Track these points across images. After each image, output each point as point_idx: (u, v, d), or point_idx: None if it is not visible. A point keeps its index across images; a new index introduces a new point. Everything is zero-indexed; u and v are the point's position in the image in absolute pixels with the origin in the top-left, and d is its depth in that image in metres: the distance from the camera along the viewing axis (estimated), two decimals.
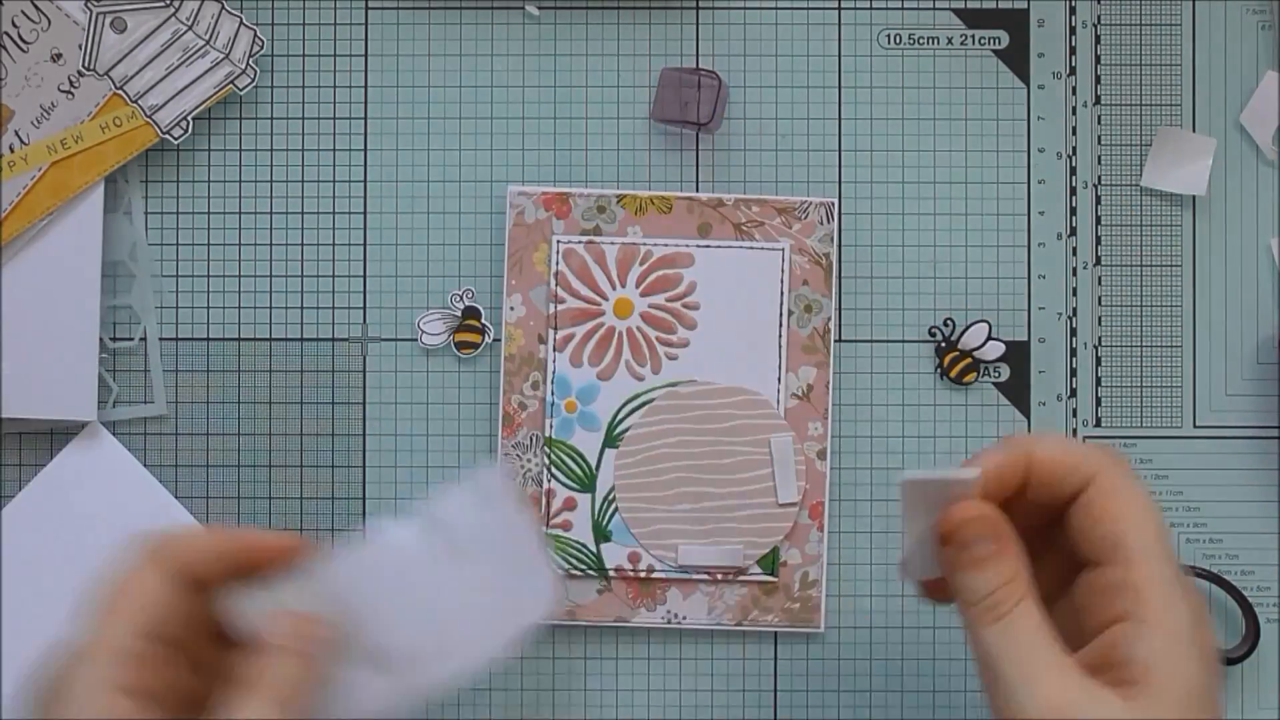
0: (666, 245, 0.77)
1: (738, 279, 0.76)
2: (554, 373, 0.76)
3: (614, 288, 0.76)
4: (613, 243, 0.77)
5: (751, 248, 0.77)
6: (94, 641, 0.58)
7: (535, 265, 0.77)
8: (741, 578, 0.76)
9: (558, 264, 0.77)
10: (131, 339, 0.78)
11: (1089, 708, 0.54)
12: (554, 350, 0.77)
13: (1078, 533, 0.58)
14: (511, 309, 0.77)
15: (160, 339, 0.78)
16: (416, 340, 0.78)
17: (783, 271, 0.76)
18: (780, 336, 0.76)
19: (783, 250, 0.76)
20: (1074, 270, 0.78)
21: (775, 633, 0.78)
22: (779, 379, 0.76)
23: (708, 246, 0.77)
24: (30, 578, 0.76)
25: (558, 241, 0.77)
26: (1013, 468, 0.58)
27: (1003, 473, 0.58)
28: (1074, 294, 0.78)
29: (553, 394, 0.76)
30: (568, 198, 0.77)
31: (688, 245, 0.77)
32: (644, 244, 0.77)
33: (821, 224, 0.77)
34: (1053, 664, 0.55)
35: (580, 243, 0.77)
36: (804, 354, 0.77)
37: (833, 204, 0.77)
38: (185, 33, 0.76)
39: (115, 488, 0.77)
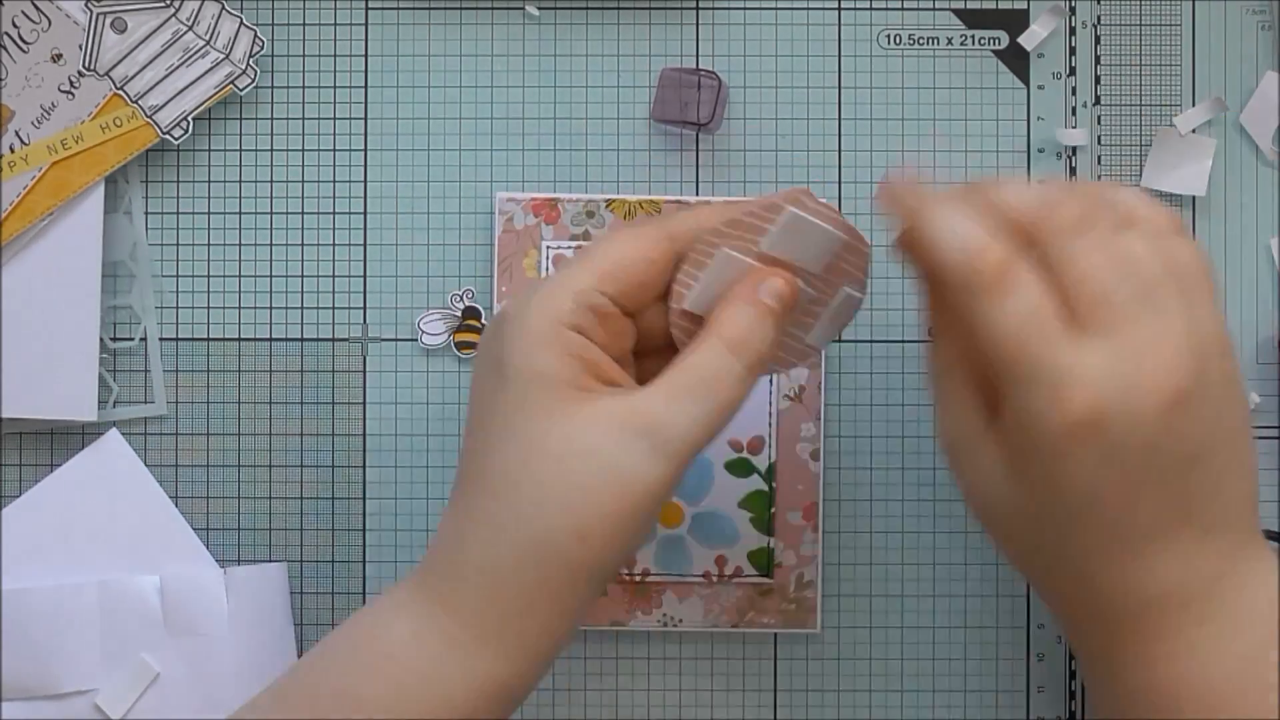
0: None
1: None
2: None
3: None
4: None
5: None
6: (560, 279, 0.60)
7: (525, 271, 0.76)
8: (737, 579, 0.76)
9: (548, 270, 0.76)
10: (131, 339, 0.78)
11: None
12: None
13: None
14: None
15: (160, 339, 0.78)
16: (416, 340, 0.78)
17: None
18: None
19: None
20: None
21: (774, 634, 0.77)
22: (770, 381, 0.76)
23: None
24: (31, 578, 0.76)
25: (547, 247, 0.76)
26: None
27: None
28: None
29: None
30: (556, 203, 0.77)
31: None
32: None
33: None
34: None
35: (570, 248, 0.76)
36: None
37: None
38: (185, 33, 0.76)
39: (121, 495, 0.77)
